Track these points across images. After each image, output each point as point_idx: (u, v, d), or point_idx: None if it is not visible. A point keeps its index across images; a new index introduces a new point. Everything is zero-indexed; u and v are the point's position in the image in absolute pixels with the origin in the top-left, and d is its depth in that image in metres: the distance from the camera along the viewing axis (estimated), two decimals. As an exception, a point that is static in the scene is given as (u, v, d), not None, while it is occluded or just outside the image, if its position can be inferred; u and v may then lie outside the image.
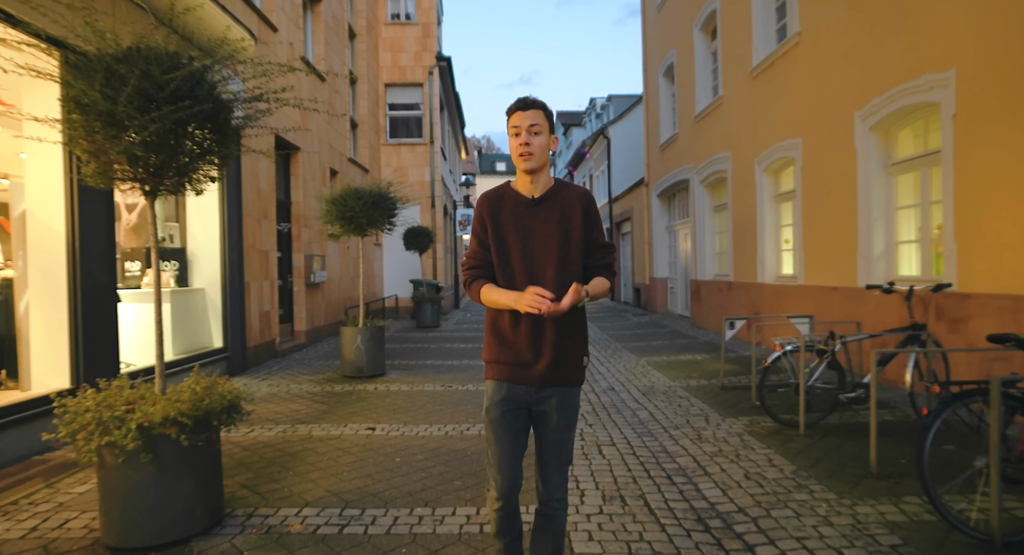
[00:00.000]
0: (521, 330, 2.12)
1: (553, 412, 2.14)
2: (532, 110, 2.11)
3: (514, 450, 2.16)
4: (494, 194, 2.25)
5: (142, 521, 2.90)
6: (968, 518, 3.01)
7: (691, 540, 2.98)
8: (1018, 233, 4.74)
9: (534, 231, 2.14)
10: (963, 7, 5.27)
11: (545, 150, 2.13)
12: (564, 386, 2.15)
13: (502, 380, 2.15)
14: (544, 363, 2.11)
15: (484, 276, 2.20)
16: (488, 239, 2.19)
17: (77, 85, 2.66)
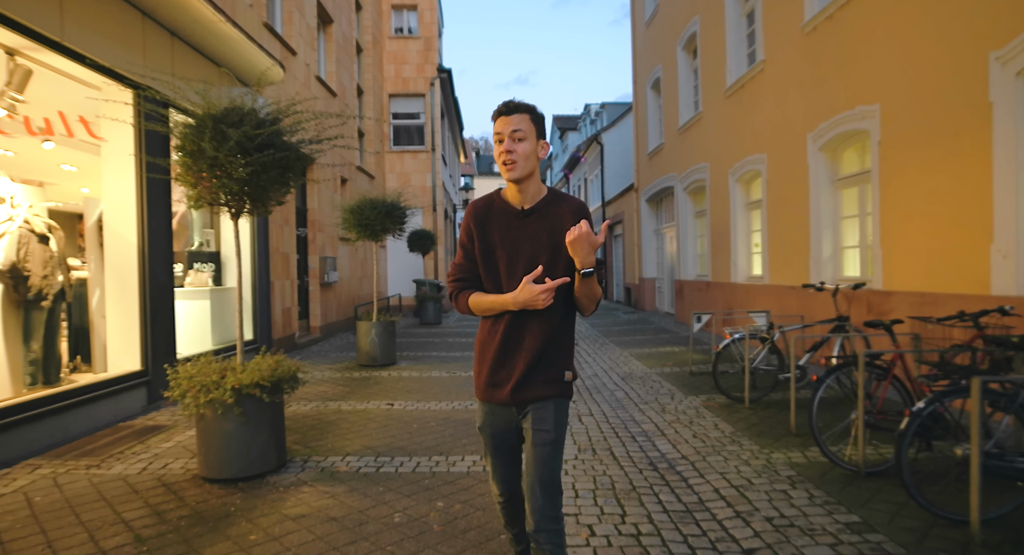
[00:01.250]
0: (495, 344, 2.06)
1: (531, 428, 2.06)
2: (517, 114, 1.99)
3: (509, 464, 2.19)
4: (482, 204, 2.14)
5: (231, 460, 3.89)
6: (844, 455, 4.02)
7: (642, 475, 3.98)
8: (923, 241, 5.76)
9: (522, 244, 2.03)
10: (887, 51, 6.28)
11: (531, 158, 2.00)
12: (537, 401, 2.06)
13: (484, 400, 2.14)
14: (513, 381, 2.04)
15: (471, 288, 2.11)
16: (475, 251, 2.10)
17: (190, 138, 3.65)
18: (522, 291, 1.93)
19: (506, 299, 1.98)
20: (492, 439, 2.14)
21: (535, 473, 2.01)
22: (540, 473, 2.01)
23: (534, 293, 1.91)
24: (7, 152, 6.22)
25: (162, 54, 6.20)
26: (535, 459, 2.02)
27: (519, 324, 2.03)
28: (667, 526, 3.18)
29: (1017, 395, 2.99)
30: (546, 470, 2.01)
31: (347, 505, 3.49)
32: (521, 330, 2.03)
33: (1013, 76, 4.71)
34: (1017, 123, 4.70)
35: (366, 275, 15.39)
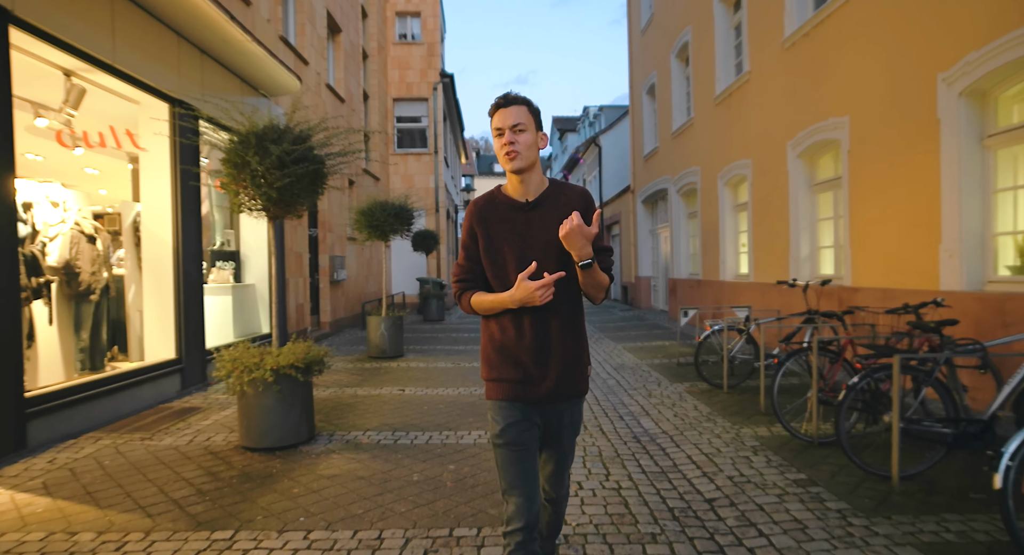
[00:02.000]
0: (525, 343, 1.98)
1: (562, 427, 2.06)
2: (514, 107, 1.98)
3: (533, 470, 2.00)
4: (484, 201, 2.10)
5: (269, 431, 4.49)
6: (801, 429, 4.62)
7: (626, 446, 4.58)
8: (885, 242, 6.36)
9: (531, 238, 1.99)
10: (855, 68, 6.87)
11: (532, 148, 1.99)
12: (574, 398, 2.06)
13: (512, 400, 2.01)
14: (553, 377, 1.98)
15: (473, 288, 2.08)
16: (479, 251, 2.06)
17: (236, 152, 4.24)
18: (518, 288, 1.90)
19: (504, 298, 1.94)
20: (518, 439, 1.97)
21: (562, 461, 2.13)
22: (566, 460, 2.14)
23: (530, 290, 1.87)
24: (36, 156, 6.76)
25: (193, 70, 6.79)
26: (563, 450, 2.11)
27: (544, 320, 1.98)
28: (644, 483, 3.78)
29: (933, 371, 3.59)
30: (570, 456, 2.16)
31: (372, 468, 4.09)
32: (547, 326, 1.98)
33: (956, 96, 5.30)
34: (960, 138, 5.30)
35: (371, 273, 15.98)
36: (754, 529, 3.07)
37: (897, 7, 6.12)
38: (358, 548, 2.91)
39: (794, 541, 2.92)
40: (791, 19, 8.41)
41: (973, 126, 5.30)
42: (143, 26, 5.87)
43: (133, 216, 6.88)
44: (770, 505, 3.37)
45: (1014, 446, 2.40)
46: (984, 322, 4.88)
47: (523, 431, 1.99)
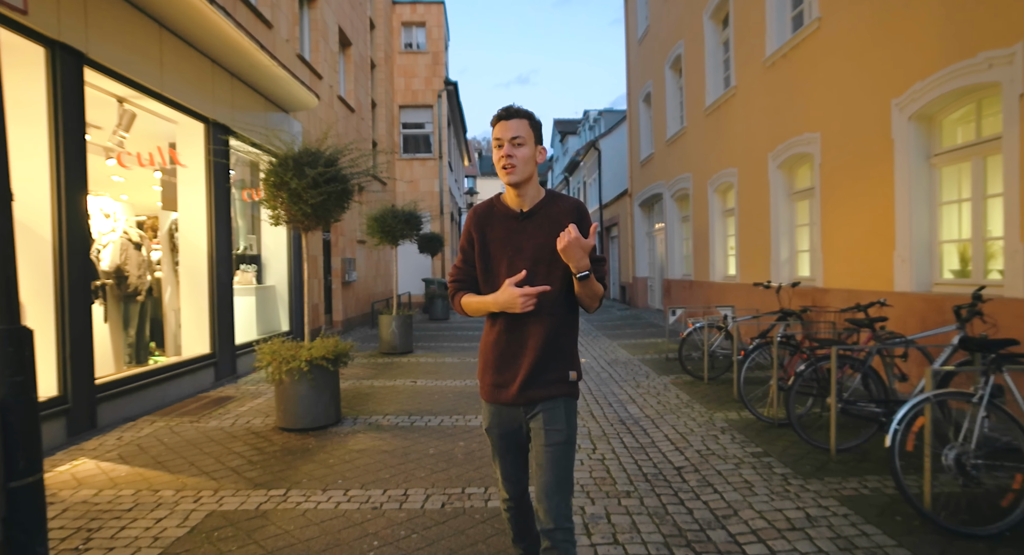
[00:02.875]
0: (500, 345, 2.09)
1: (541, 428, 2.07)
2: (515, 120, 2.04)
3: (517, 464, 2.18)
4: (483, 209, 2.19)
5: (303, 414, 5.19)
6: (764, 412, 5.31)
7: (612, 427, 5.27)
8: (850, 248, 7.03)
9: (523, 246, 2.07)
10: (825, 89, 7.54)
11: (529, 162, 2.05)
12: (545, 401, 2.07)
13: (490, 401, 2.14)
14: (518, 381, 2.05)
15: (465, 290, 2.17)
16: (474, 255, 2.15)
17: (276, 174, 4.94)
18: (503, 292, 1.98)
19: (489, 300, 2.03)
20: (500, 440, 2.14)
21: (549, 473, 2.02)
22: (554, 473, 2.02)
23: (513, 296, 1.94)
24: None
25: (224, 92, 7.49)
26: (548, 459, 2.02)
27: (520, 325, 2.05)
28: (624, 455, 4.47)
29: (867, 360, 4.28)
30: (559, 469, 2.02)
31: (393, 444, 4.79)
32: (523, 331, 2.05)
33: (907, 119, 5.98)
34: (909, 157, 5.98)
35: (380, 274, 16.69)
36: (711, 488, 3.76)
37: (858, 37, 6.80)
38: (388, 501, 3.60)
39: (741, 496, 3.62)
40: (771, 40, 9.08)
41: (921, 146, 5.99)
42: (185, 56, 6.58)
43: (169, 224, 7.59)
44: (727, 471, 4.06)
45: (901, 414, 3.09)
46: (929, 319, 5.56)
47: (502, 434, 2.13)
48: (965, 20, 5.23)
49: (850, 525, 3.17)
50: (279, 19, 9.50)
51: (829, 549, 2.91)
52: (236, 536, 3.15)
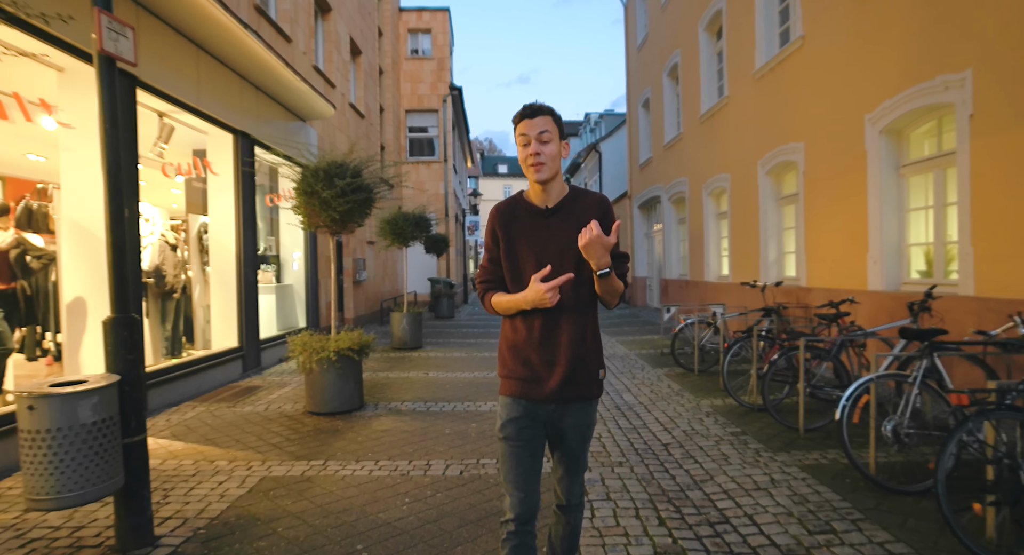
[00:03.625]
0: (534, 343, 2.05)
1: (570, 431, 2.07)
2: (540, 116, 2.03)
3: (531, 467, 2.08)
4: (506, 206, 2.18)
5: (331, 400, 5.77)
6: (744, 398, 5.89)
7: (608, 412, 5.84)
8: (829, 250, 7.61)
9: (549, 243, 2.06)
10: (809, 101, 8.11)
11: (556, 158, 2.06)
12: (580, 401, 2.07)
13: (517, 397, 2.08)
14: (557, 379, 2.02)
15: (495, 289, 2.16)
16: (500, 253, 2.13)
17: (307, 183, 5.52)
18: (530, 290, 1.97)
19: (519, 299, 2.02)
20: (518, 438, 2.06)
21: (573, 466, 2.13)
22: (578, 465, 2.14)
23: (540, 292, 1.94)
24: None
25: (250, 104, 8.08)
26: (573, 454, 2.11)
27: (553, 321, 2.04)
28: (618, 434, 5.05)
29: (831, 350, 4.86)
30: (582, 462, 2.14)
31: (413, 425, 5.38)
32: (558, 328, 2.04)
33: (878, 133, 6.56)
34: (881, 167, 6.56)
35: (387, 274, 17.28)
36: (692, 460, 4.34)
37: (837, 55, 7.37)
38: (414, 469, 4.19)
39: (717, 465, 4.20)
40: (760, 54, 9.66)
41: (891, 158, 6.57)
42: (218, 74, 7.16)
43: (198, 227, 8.18)
44: (708, 446, 4.65)
45: (848, 392, 3.66)
46: (897, 315, 6.12)
47: (523, 428, 2.06)
48: (927, 44, 5.80)
49: (807, 486, 3.75)
50: (297, 33, 10.09)
51: (785, 503, 3.50)
52: (289, 494, 3.74)
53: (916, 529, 3.11)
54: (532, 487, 2.05)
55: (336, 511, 3.47)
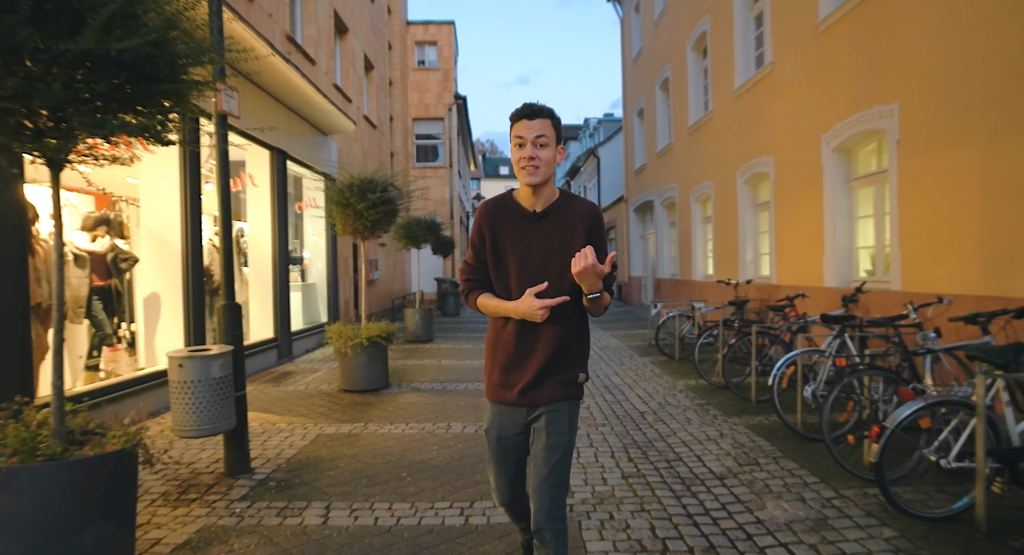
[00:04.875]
0: (510, 346, 2.07)
1: (542, 429, 2.06)
2: (539, 119, 1.99)
3: (513, 471, 2.17)
4: (494, 205, 2.15)
5: (362, 380, 6.82)
6: (712, 378, 6.93)
7: (597, 391, 6.87)
8: (795, 251, 8.64)
9: (533, 249, 2.04)
10: (779, 121, 9.15)
11: (551, 164, 2.02)
12: (550, 402, 2.06)
13: (494, 401, 2.14)
14: (523, 383, 2.05)
15: (481, 288, 2.14)
16: (486, 252, 2.12)
17: (342, 196, 6.56)
18: (522, 303, 1.97)
19: (509, 307, 2.02)
20: (498, 443, 2.13)
21: (544, 474, 2.02)
22: (550, 474, 2.02)
23: (533, 307, 1.94)
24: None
25: (283, 123, 9.13)
26: (545, 460, 2.02)
27: (532, 327, 2.03)
28: (604, 405, 6.09)
29: (778, 335, 5.90)
30: (556, 471, 2.02)
31: (432, 400, 6.43)
32: (534, 333, 2.03)
33: (832, 150, 7.60)
34: (834, 181, 7.60)
35: (396, 274, 18.33)
36: (662, 422, 5.38)
37: (800, 80, 8.41)
38: (437, 429, 5.23)
39: (680, 425, 5.24)
40: (739, 75, 10.70)
41: (842, 173, 7.61)
42: (258, 98, 8.22)
43: (236, 232, 9.23)
44: (676, 413, 5.69)
45: (779, 364, 4.69)
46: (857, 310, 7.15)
47: (503, 437, 2.13)
48: (867, 77, 6.84)
49: (747, 438, 4.80)
50: (320, 55, 11.15)
51: (727, 448, 4.54)
52: (342, 444, 4.79)
53: (818, 462, 4.15)
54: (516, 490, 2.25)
55: (381, 454, 4.52)
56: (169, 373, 3.64)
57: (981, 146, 5.18)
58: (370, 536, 3.13)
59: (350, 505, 3.53)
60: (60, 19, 1.75)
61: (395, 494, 3.70)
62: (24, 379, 4.06)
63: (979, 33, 5.22)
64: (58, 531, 2.12)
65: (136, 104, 2.08)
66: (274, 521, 3.33)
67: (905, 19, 6.17)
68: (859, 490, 3.62)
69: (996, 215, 5.03)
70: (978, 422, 2.90)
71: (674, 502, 3.56)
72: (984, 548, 2.88)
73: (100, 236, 5.87)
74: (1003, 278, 4.92)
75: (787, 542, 3.00)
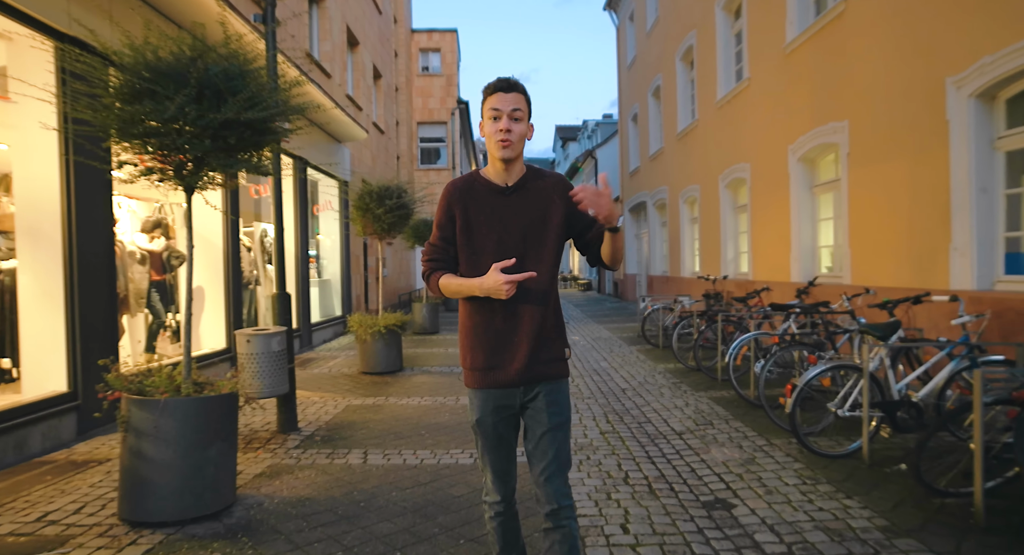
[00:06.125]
0: (495, 326, 2.04)
1: (542, 409, 2.04)
2: (515, 93, 2.00)
3: (508, 456, 2.12)
4: (462, 183, 2.12)
5: (379, 364, 7.75)
6: (688, 362, 7.86)
7: (587, 372, 7.80)
8: (768, 249, 9.57)
9: (509, 221, 2.05)
10: (752, 132, 10.07)
11: (523, 138, 2.03)
12: (548, 381, 2.06)
13: (484, 388, 2.06)
14: (521, 360, 2.01)
15: (444, 269, 2.11)
16: (455, 232, 2.09)
17: (362, 201, 7.48)
18: (488, 277, 1.94)
19: (473, 284, 1.98)
20: (494, 429, 2.07)
21: (552, 456, 2.03)
22: (557, 455, 2.03)
23: (499, 282, 1.91)
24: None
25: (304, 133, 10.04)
26: (550, 442, 2.03)
27: (514, 305, 2.02)
28: (591, 384, 7.03)
29: (740, 322, 6.82)
30: (561, 451, 2.04)
31: (442, 380, 7.36)
32: (517, 310, 2.02)
33: (796, 160, 8.52)
34: (799, 186, 8.52)
35: (402, 272, 19.27)
36: (639, 396, 6.32)
37: (772, 95, 9.32)
38: (448, 401, 6.17)
39: (655, 398, 6.17)
40: (721, 87, 11.62)
41: (807, 179, 8.53)
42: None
43: (260, 233, 10.17)
44: (653, 389, 6.63)
45: (734, 345, 5.62)
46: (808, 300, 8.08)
47: (496, 422, 2.06)
48: (825, 96, 7.76)
49: (707, 407, 5.73)
50: (335, 69, 12.07)
51: (690, 414, 5.47)
52: (368, 411, 5.73)
53: (760, 423, 5.08)
54: (510, 474, 2.13)
55: (403, 418, 5.46)
56: (238, 347, 4.57)
57: (909, 160, 6.11)
58: (401, 470, 4.07)
59: (383, 451, 4.47)
60: (211, 99, 2.70)
61: (417, 445, 4.64)
62: (113, 349, 5.02)
63: (904, 65, 6.15)
64: (194, 444, 3.06)
65: (251, 149, 3.03)
66: (325, 461, 4.27)
67: (852, 48, 7.10)
68: (786, 440, 4.55)
69: (919, 219, 5.96)
70: (864, 380, 3.83)
71: (639, 449, 4.49)
72: (865, 473, 3.81)
73: (156, 237, 6.80)
74: (925, 272, 5.86)
75: (720, 473, 3.94)
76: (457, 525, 3.17)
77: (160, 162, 2.89)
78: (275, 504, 3.45)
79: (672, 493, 3.62)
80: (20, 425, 4.19)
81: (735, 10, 11.22)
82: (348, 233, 12.84)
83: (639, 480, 3.85)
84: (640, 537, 3.05)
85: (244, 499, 3.50)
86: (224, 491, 3.25)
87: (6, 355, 5.11)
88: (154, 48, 2.69)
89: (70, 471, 3.99)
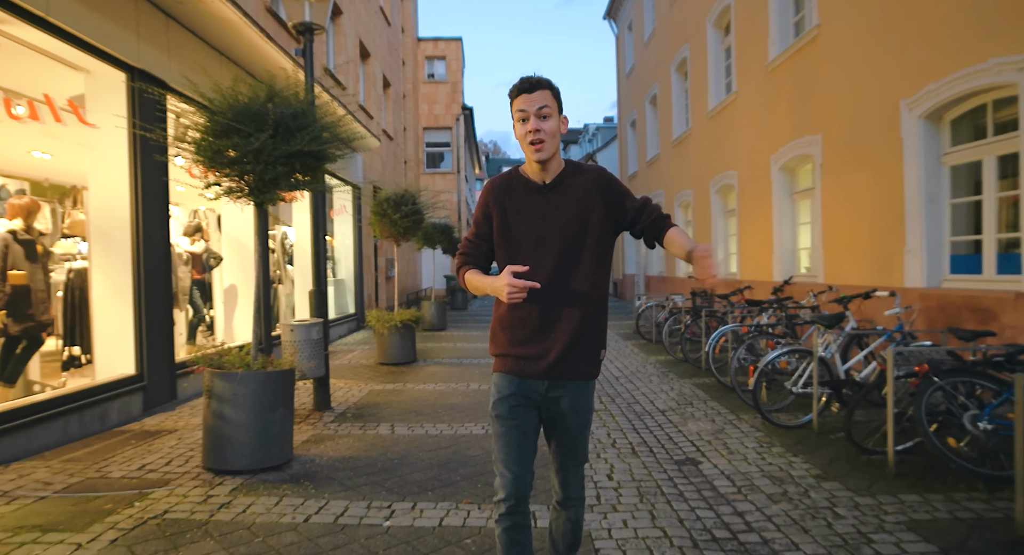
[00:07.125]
0: (531, 320, 2.02)
1: (566, 413, 2.05)
2: (539, 91, 1.96)
3: (523, 446, 2.04)
4: (502, 182, 2.13)
5: (395, 355, 8.51)
6: (676, 354, 8.60)
7: (585, 364, 8.56)
8: (754, 250, 10.30)
9: (548, 219, 2.03)
10: (740, 142, 10.81)
11: (556, 135, 1.99)
12: (576, 380, 2.05)
13: (511, 374, 2.07)
14: (554, 354, 2.00)
15: (472, 265, 2.12)
16: (492, 230, 2.10)
17: (380, 207, 8.24)
18: (499, 278, 1.93)
19: (487, 282, 2.01)
20: (510, 416, 2.04)
21: (571, 454, 2.10)
22: (575, 454, 2.10)
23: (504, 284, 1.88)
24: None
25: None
26: (571, 441, 2.08)
27: (553, 301, 2.01)
28: (588, 373, 7.78)
29: (723, 318, 7.57)
30: (580, 450, 2.10)
31: (453, 370, 8.12)
32: (556, 306, 2.01)
33: (778, 169, 9.26)
34: (780, 193, 9.26)
35: (409, 272, 20.03)
36: (630, 382, 7.06)
37: (756, 108, 10.07)
38: (460, 386, 6.92)
39: (643, 383, 6.92)
40: (712, 98, 12.36)
41: (787, 187, 9.27)
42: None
43: (281, 236, 10.94)
44: (643, 377, 7.37)
45: (713, 336, 6.36)
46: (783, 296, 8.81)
47: (515, 406, 2.04)
48: (802, 111, 8.50)
49: (689, 390, 6.47)
50: (349, 80, 12.83)
51: (673, 396, 6.22)
52: (390, 394, 6.48)
53: (733, 403, 5.82)
54: (525, 468, 2.03)
55: (421, 400, 6.22)
56: (282, 335, 5.34)
57: (871, 172, 6.86)
58: (425, 438, 4.82)
59: (408, 425, 5.23)
60: (284, 134, 3.47)
61: (437, 420, 5.39)
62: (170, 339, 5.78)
63: (866, 86, 6.90)
64: (263, 409, 3.81)
65: (311, 173, 3.79)
66: (358, 432, 5.02)
67: (824, 69, 7.85)
68: (752, 416, 5.30)
69: (880, 225, 6.70)
70: (814, 362, 4.58)
71: (626, 423, 5.24)
72: (813, 439, 4.56)
73: (196, 240, 7.57)
74: (885, 272, 6.60)
75: (693, 440, 4.68)
76: (475, 475, 3.93)
77: (237, 183, 3.65)
78: (325, 461, 4.20)
79: (651, 454, 4.37)
80: (101, 401, 4.95)
81: (725, 26, 11.96)
82: (361, 235, 13.61)
83: (624, 445, 4.60)
84: (622, 482, 3.80)
85: (299, 457, 4.26)
86: (285, 448, 4.01)
87: (76, 344, 5.88)
88: (238, 93, 3.45)
89: (148, 438, 4.75)
